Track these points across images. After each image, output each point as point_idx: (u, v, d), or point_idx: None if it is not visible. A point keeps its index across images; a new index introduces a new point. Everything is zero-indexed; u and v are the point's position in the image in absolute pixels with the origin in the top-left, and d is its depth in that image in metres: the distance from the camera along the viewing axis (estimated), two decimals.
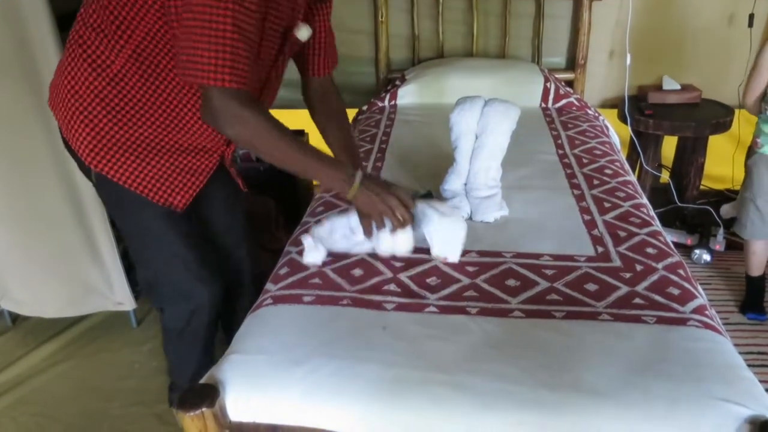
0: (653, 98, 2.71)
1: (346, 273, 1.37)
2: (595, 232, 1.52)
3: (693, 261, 2.58)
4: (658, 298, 1.26)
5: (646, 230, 1.52)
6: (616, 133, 2.40)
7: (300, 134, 3.02)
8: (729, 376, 1.06)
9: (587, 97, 2.81)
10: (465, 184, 1.65)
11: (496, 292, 1.30)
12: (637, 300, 1.26)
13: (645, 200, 1.74)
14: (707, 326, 1.18)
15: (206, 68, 1.11)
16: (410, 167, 1.94)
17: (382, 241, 1.38)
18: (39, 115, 1.92)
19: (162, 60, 1.26)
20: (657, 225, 1.59)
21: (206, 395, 1.05)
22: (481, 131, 1.62)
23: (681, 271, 1.36)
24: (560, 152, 2.04)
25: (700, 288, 1.35)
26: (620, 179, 1.82)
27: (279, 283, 1.36)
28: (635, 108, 2.68)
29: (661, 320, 1.19)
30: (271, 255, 1.68)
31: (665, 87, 2.76)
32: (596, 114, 2.45)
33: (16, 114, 1.93)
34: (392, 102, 2.57)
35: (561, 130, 2.23)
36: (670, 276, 1.33)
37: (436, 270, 1.38)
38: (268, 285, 1.38)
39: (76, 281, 2.19)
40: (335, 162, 1.29)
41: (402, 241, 1.37)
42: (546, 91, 2.53)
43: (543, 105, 2.51)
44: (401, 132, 2.27)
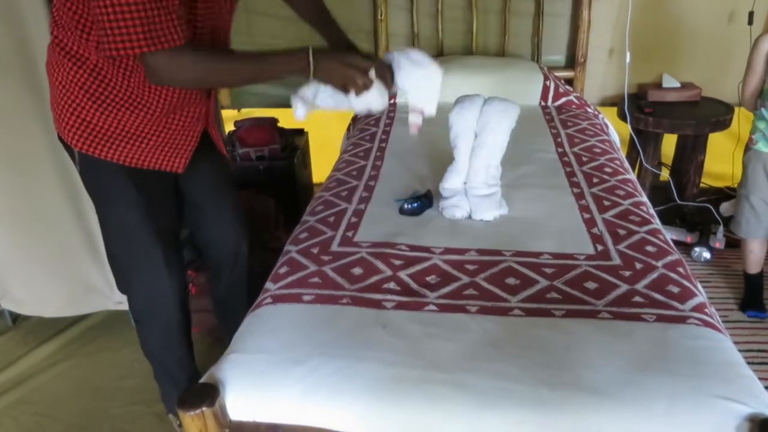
0: (653, 96, 2.71)
1: (346, 272, 1.37)
2: (595, 231, 1.52)
3: (693, 259, 2.58)
4: (658, 296, 1.26)
5: (646, 228, 1.52)
6: (616, 131, 2.40)
7: (300, 133, 3.03)
8: (729, 374, 1.06)
9: (587, 96, 2.81)
10: (464, 183, 1.65)
11: (496, 291, 1.30)
12: (637, 298, 1.26)
13: (645, 198, 1.74)
14: (707, 324, 1.18)
15: (127, 40, 1.14)
16: (410, 166, 1.94)
17: (356, 100, 1.38)
18: (39, 115, 1.92)
19: None
20: (657, 223, 1.59)
21: (206, 394, 1.06)
22: (481, 130, 1.62)
23: (681, 269, 1.36)
24: (560, 150, 2.04)
25: (700, 286, 1.35)
26: (620, 177, 1.82)
27: (278, 282, 1.36)
28: (635, 106, 2.68)
29: (661, 318, 1.20)
30: (271, 254, 1.68)
31: (665, 85, 2.75)
32: (596, 112, 2.45)
33: (16, 114, 1.93)
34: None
35: (561, 129, 2.23)
36: (670, 274, 1.33)
37: (436, 268, 1.38)
38: (268, 284, 1.38)
39: (76, 281, 2.19)
40: (283, 53, 1.31)
41: (374, 98, 1.37)
42: (546, 90, 2.53)
43: (542, 103, 2.51)
44: (401, 131, 2.26)
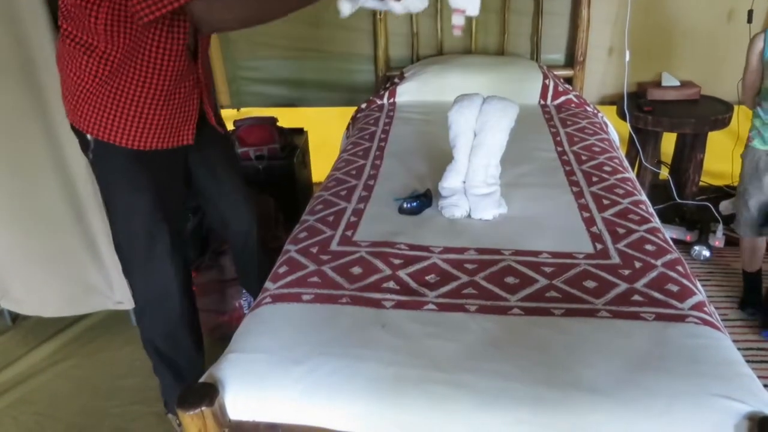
0: (652, 95, 2.71)
1: (345, 271, 1.37)
2: (594, 229, 1.52)
3: (692, 257, 2.58)
4: (657, 295, 1.26)
5: (645, 227, 1.52)
6: (615, 130, 2.40)
7: (299, 132, 3.03)
8: (728, 373, 1.06)
9: (586, 94, 2.81)
10: (464, 182, 1.65)
11: (495, 290, 1.30)
12: (636, 297, 1.26)
13: (644, 197, 1.74)
14: (706, 323, 1.18)
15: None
16: (409, 165, 1.94)
17: (396, 3, 1.43)
18: (38, 115, 1.92)
19: (134, 24, 1.34)
20: (656, 222, 1.59)
21: (205, 394, 1.06)
22: (480, 129, 1.62)
23: (680, 268, 1.36)
24: (559, 149, 2.04)
25: (699, 284, 1.35)
26: (619, 176, 1.82)
27: (278, 282, 1.36)
28: (634, 105, 2.68)
29: (660, 317, 1.19)
30: (271, 253, 1.69)
31: (664, 83, 2.75)
32: (595, 111, 2.45)
33: (15, 114, 1.92)
34: (391, 100, 2.57)
35: (560, 127, 2.23)
36: (669, 273, 1.33)
37: (435, 267, 1.38)
38: (267, 284, 1.38)
39: (76, 280, 2.19)
40: None
41: (412, 2, 1.42)
42: (545, 88, 2.52)
43: (542, 102, 2.51)
44: (400, 130, 2.26)
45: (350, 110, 2.65)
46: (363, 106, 2.59)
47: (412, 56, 2.89)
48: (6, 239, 2.13)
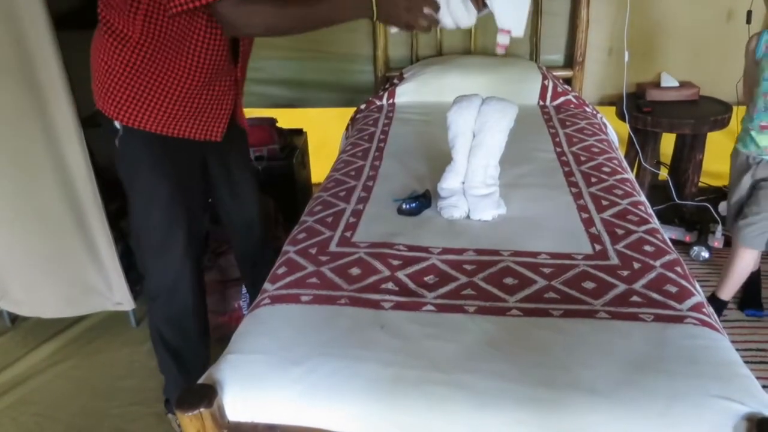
0: (651, 95, 2.72)
1: (344, 272, 1.37)
2: (593, 230, 1.52)
3: (692, 258, 2.58)
4: (656, 296, 1.26)
5: (644, 228, 1.52)
6: (615, 131, 2.40)
7: (299, 133, 3.03)
8: (726, 374, 1.06)
9: (585, 95, 2.81)
10: (463, 183, 1.65)
11: (494, 291, 1.30)
12: (635, 298, 1.26)
13: (643, 198, 1.74)
14: (705, 324, 1.18)
15: None
16: (408, 166, 1.94)
17: (445, 17, 1.41)
18: (37, 115, 1.92)
19: (170, 18, 1.38)
20: (655, 222, 1.59)
21: (204, 395, 1.05)
22: (479, 129, 1.62)
23: (679, 269, 1.36)
24: (558, 150, 2.04)
25: (698, 285, 1.35)
26: (618, 177, 1.82)
27: (277, 283, 1.36)
28: (633, 105, 2.68)
29: (659, 318, 1.19)
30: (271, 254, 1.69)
31: (663, 84, 2.76)
32: (594, 111, 2.45)
33: (14, 114, 1.92)
34: (390, 100, 2.57)
35: (559, 128, 2.23)
36: (668, 273, 1.33)
37: (434, 268, 1.38)
38: (266, 285, 1.38)
39: (75, 281, 2.19)
40: None
41: (462, 15, 1.42)
42: (544, 89, 2.53)
43: (541, 103, 2.51)
44: (399, 130, 2.26)
45: (349, 111, 2.65)
46: (362, 107, 2.59)
47: (412, 57, 2.89)
48: (5, 240, 2.13)
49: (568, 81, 2.80)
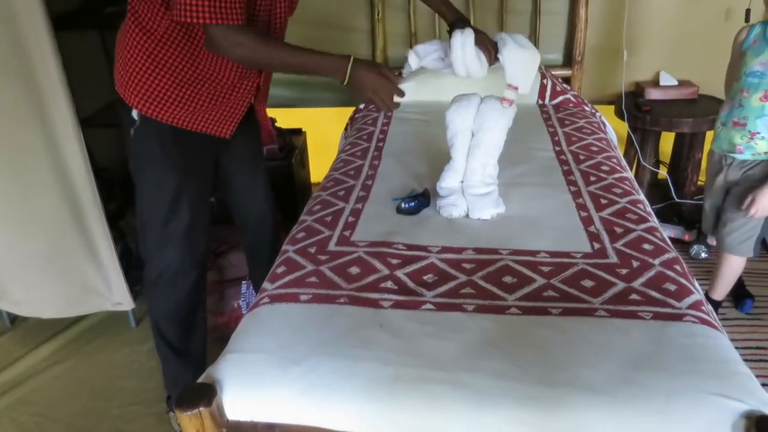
0: (650, 94, 2.72)
1: (343, 271, 1.37)
2: (592, 229, 1.52)
3: (691, 257, 2.58)
4: (655, 294, 1.26)
5: (643, 226, 1.52)
6: (613, 130, 2.41)
7: (298, 133, 3.03)
8: (725, 372, 1.06)
9: (584, 94, 2.81)
10: (462, 182, 1.65)
11: (493, 289, 1.30)
12: (634, 296, 1.26)
13: (642, 196, 1.74)
14: (703, 322, 1.18)
15: (194, 10, 1.30)
16: (407, 165, 1.94)
17: (459, 68, 1.59)
18: (36, 116, 1.92)
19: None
20: (654, 221, 1.59)
21: (204, 394, 1.06)
22: (478, 128, 1.62)
23: (677, 267, 1.36)
24: (557, 149, 2.04)
25: (697, 283, 1.35)
26: (617, 175, 1.82)
27: (276, 282, 1.36)
28: (632, 104, 2.68)
29: (658, 316, 1.20)
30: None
31: (662, 83, 2.76)
32: (593, 110, 2.45)
33: (13, 115, 1.92)
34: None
35: (558, 127, 2.23)
36: (667, 272, 1.33)
37: (433, 267, 1.38)
38: (265, 284, 1.38)
39: (75, 281, 2.19)
40: (326, 54, 1.45)
41: (474, 68, 1.58)
42: (543, 88, 2.52)
43: (540, 102, 2.51)
44: (398, 130, 2.26)
45: (348, 111, 2.65)
46: (361, 107, 2.59)
47: None
48: (5, 240, 2.13)
49: (567, 80, 2.80)
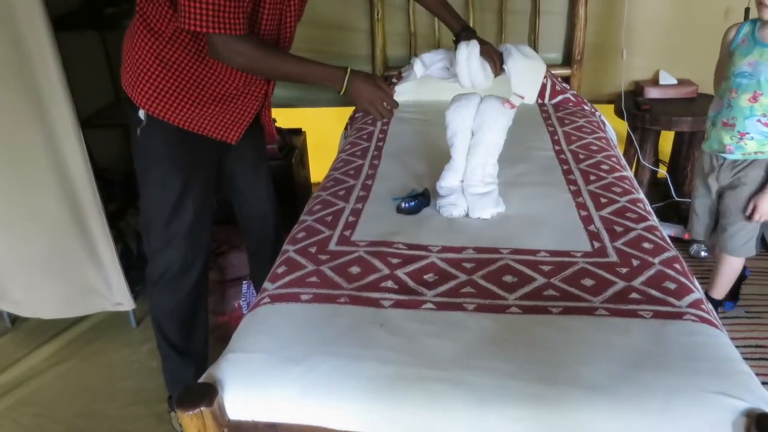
0: (650, 93, 2.72)
1: (344, 271, 1.38)
2: (592, 228, 1.53)
3: (691, 255, 2.58)
4: (655, 293, 1.26)
5: (643, 225, 1.53)
6: (613, 129, 2.41)
7: (298, 133, 3.03)
8: (725, 370, 1.06)
9: (584, 93, 2.81)
10: (462, 181, 1.66)
11: (493, 289, 1.30)
12: (634, 295, 1.26)
13: (642, 195, 1.74)
14: (703, 320, 1.18)
15: (198, 18, 1.33)
16: (407, 165, 1.94)
17: (463, 78, 1.61)
18: (36, 117, 1.92)
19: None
20: (653, 220, 1.59)
21: (205, 394, 1.06)
22: (478, 128, 1.62)
23: (677, 266, 1.36)
24: (557, 148, 2.04)
25: (697, 282, 1.35)
26: (617, 174, 1.82)
27: (276, 282, 1.36)
28: (632, 103, 2.68)
29: (658, 314, 1.20)
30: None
31: (662, 82, 2.76)
32: (593, 110, 2.45)
33: (13, 115, 1.92)
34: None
35: (557, 126, 2.23)
36: (667, 270, 1.33)
37: (434, 267, 1.39)
38: (266, 284, 1.38)
39: (75, 282, 2.19)
40: (325, 65, 1.51)
41: (479, 78, 1.60)
42: (542, 87, 2.52)
43: (539, 101, 2.51)
44: (398, 130, 2.26)
45: (348, 110, 2.65)
46: None
47: (410, 55, 2.88)
48: (5, 240, 2.13)
49: (567, 79, 2.80)
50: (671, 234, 2.58)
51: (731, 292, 2.24)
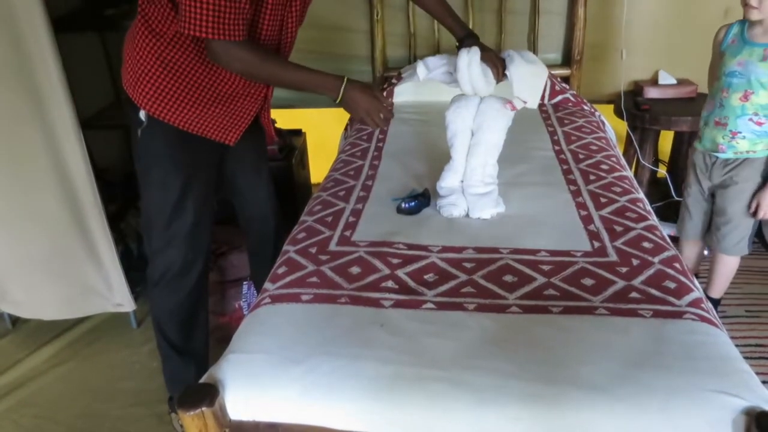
0: (649, 93, 2.72)
1: (344, 271, 1.38)
2: (592, 228, 1.53)
3: None
4: (655, 292, 1.26)
5: (642, 225, 1.53)
6: (613, 129, 2.41)
7: (298, 133, 3.04)
8: (725, 369, 1.06)
9: (583, 93, 2.81)
10: (462, 182, 1.66)
11: (494, 288, 1.30)
12: (634, 294, 1.26)
13: (641, 195, 1.74)
14: (703, 319, 1.19)
15: (197, 23, 1.34)
16: (407, 165, 1.95)
17: (465, 83, 1.60)
18: (36, 117, 1.92)
19: None
20: (653, 219, 1.59)
21: (206, 394, 1.06)
22: (477, 128, 1.63)
23: (677, 265, 1.37)
24: (557, 148, 2.04)
25: (696, 281, 1.36)
26: (616, 174, 1.82)
27: (277, 282, 1.36)
28: (631, 103, 2.69)
29: (658, 314, 1.20)
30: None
31: (661, 81, 2.76)
32: (592, 110, 2.46)
33: (13, 116, 1.93)
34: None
35: (557, 126, 2.24)
36: (666, 270, 1.34)
37: (434, 267, 1.39)
38: (266, 284, 1.39)
39: (75, 283, 2.19)
40: (323, 73, 1.50)
41: (481, 83, 1.58)
42: None
43: (539, 101, 2.51)
44: (398, 130, 2.27)
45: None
46: None
47: (410, 56, 2.89)
48: (5, 241, 2.13)
49: (566, 79, 2.80)
50: (671, 233, 2.57)
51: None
